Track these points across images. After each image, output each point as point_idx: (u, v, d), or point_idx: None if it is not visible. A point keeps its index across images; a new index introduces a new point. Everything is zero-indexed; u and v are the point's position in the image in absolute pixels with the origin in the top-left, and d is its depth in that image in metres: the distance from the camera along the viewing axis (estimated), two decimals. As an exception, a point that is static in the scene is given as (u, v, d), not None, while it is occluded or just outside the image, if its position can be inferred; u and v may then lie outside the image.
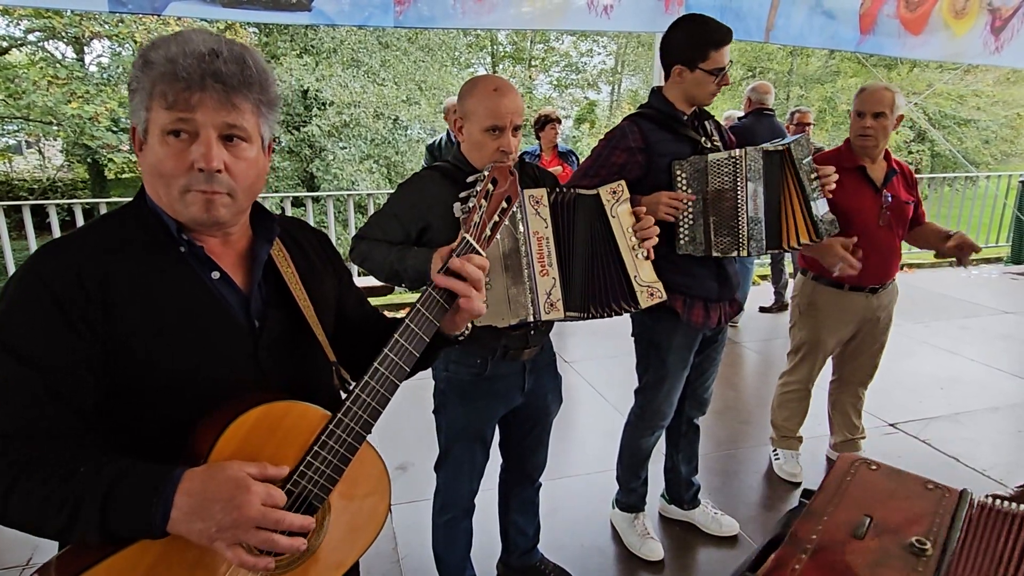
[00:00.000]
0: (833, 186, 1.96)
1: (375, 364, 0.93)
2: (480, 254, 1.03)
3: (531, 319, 1.60)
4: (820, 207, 1.95)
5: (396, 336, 0.95)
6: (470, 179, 1.10)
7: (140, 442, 0.89)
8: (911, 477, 0.67)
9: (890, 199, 2.46)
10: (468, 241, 1.02)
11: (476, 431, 1.84)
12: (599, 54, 19.48)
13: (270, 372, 0.97)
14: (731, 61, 2.00)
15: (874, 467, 0.70)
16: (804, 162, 1.93)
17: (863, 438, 2.89)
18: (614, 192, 1.69)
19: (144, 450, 0.88)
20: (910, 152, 19.16)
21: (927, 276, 6.40)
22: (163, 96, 0.83)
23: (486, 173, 1.08)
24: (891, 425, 3.30)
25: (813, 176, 1.94)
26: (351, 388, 0.93)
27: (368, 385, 0.92)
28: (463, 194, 1.09)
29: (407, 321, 0.96)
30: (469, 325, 1.11)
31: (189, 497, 0.77)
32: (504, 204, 1.09)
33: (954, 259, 2.45)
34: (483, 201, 1.06)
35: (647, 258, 1.70)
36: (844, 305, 2.60)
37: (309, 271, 1.07)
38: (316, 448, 0.88)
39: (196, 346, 0.91)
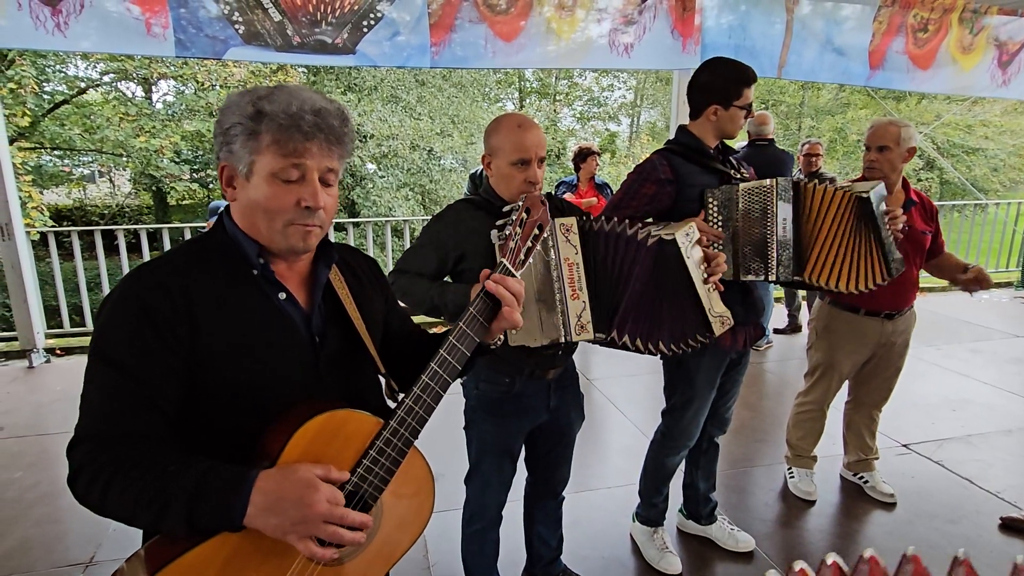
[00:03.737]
0: (900, 226, 1.95)
1: (423, 377, 0.97)
2: (515, 276, 1.07)
3: (563, 340, 1.59)
4: (891, 249, 1.93)
5: (442, 352, 0.99)
6: (506, 208, 1.12)
7: (214, 441, 0.94)
8: None
9: (907, 228, 2.41)
10: (505, 266, 1.06)
11: (504, 446, 1.84)
12: (619, 89, 19.53)
13: (328, 382, 1.02)
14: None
15: None
16: (880, 210, 1.91)
17: (876, 459, 2.80)
18: (687, 235, 1.66)
19: (218, 448, 0.92)
20: (919, 180, 18.77)
21: (939, 300, 6.22)
22: (282, 144, 0.89)
23: (520, 203, 1.11)
24: (904, 446, 3.19)
25: (887, 220, 1.94)
26: (402, 399, 0.97)
27: (417, 396, 0.96)
28: (500, 222, 1.11)
29: (451, 339, 1.00)
30: (500, 337, 1.13)
31: (264, 495, 0.82)
32: (536, 231, 1.12)
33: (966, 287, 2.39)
34: (518, 229, 1.09)
35: (718, 290, 1.68)
36: (859, 329, 2.54)
37: (360, 292, 1.11)
38: (372, 452, 0.93)
39: (266, 358, 0.96)
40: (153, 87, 12.62)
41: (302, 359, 0.99)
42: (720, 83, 1.95)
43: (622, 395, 3.84)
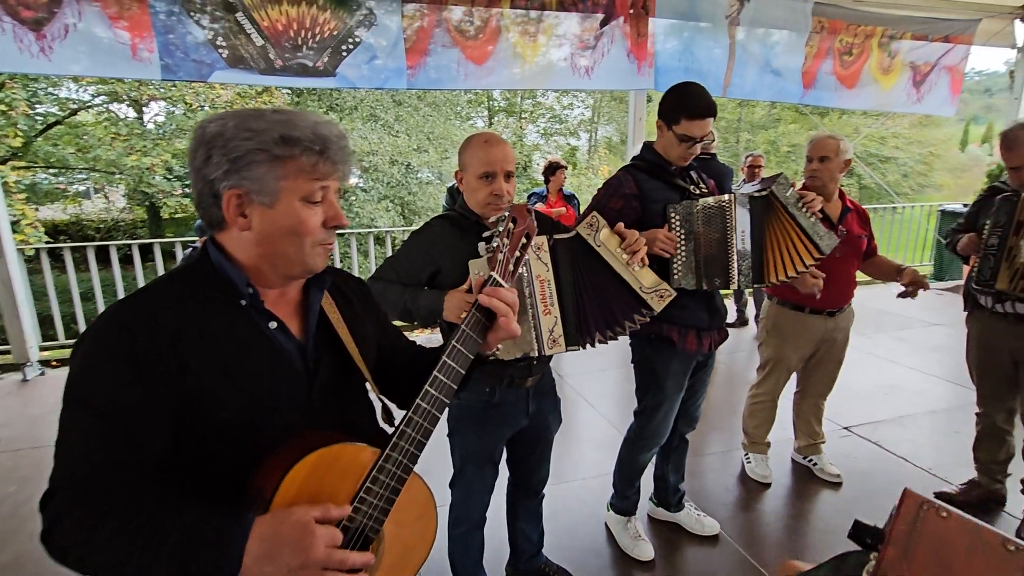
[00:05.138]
0: (819, 206, 1.85)
1: (418, 400, 0.85)
2: (506, 287, 0.95)
3: (535, 354, 1.51)
4: (816, 227, 1.84)
5: (436, 373, 0.87)
6: (492, 219, 1.02)
7: (205, 480, 0.82)
8: (988, 532, 0.49)
9: (845, 233, 2.39)
10: (495, 279, 0.94)
11: (487, 452, 1.74)
12: (578, 107, 19.55)
13: (322, 411, 0.90)
14: (709, 138, 1.89)
15: (944, 514, 0.50)
16: (788, 195, 1.83)
17: (823, 442, 2.78)
18: (591, 225, 1.57)
19: (208, 487, 0.81)
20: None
21: (864, 293, 6.28)
22: (314, 168, 0.82)
23: (507, 213, 1.01)
24: (845, 428, 3.19)
25: (800, 205, 1.84)
26: (397, 425, 0.85)
27: (413, 421, 0.85)
28: (487, 234, 1.01)
29: (444, 358, 0.88)
30: (499, 346, 1.02)
31: (260, 543, 0.71)
32: (524, 240, 1.01)
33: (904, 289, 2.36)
34: (505, 240, 0.98)
35: (644, 266, 1.58)
36: (805, 326, 2.51)
37: (352, 316, 1.00)
38: (369, 484, 0.82)
39: (257, 391, 0.84)
40: (144, 108, 12.10)
41: (295, 389, 0.88)
42: (666, 106, 1.87)
43: (592, 390, 3.77)
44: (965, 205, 7.04)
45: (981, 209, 2.25)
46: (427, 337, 4.81)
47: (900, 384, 3.79)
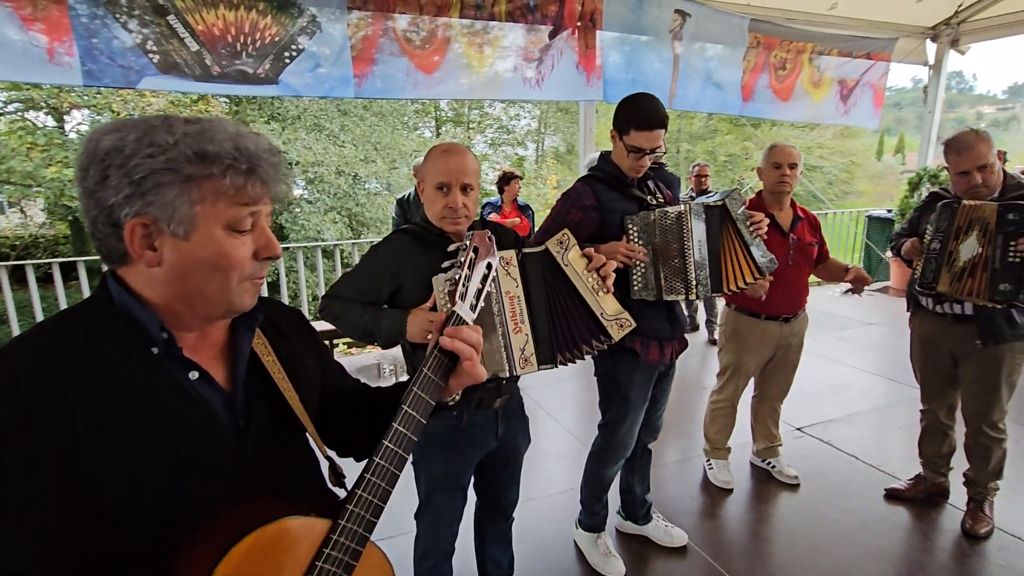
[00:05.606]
0: (764, 229, 1.87)
1: (375, 458, 0.74)
2: (469, 324, 0.87)
3: (507, 374, 1.43)
4: (759, 248, 1.86)
5: (394, 424, 0.76)
6: (451, 248, 0.94)
7: (117, 567, 0.66)
8: None
9: (796, 241, 2.44)
10: (458, 315, 0.85)
11: (455, 479, 1.64)
12: (525, 118, 19.74)
13: (257, 471, 0.76)
14: (660, 149, 1.85)
15: None
16: (739, 212, 1.84)
17: (780, 444, 2.83)
18: (561, 243, 1.53)
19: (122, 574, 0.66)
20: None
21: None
22: (240, 191, 0.69)
23: (467, 242, 0.92)
24: (798, 429, 3.26)
25: (749, 224, 1.86)
26: (351, 490, 0.73)
27: (369, 483, 0.73)
28: (446, 263, 0.93)
29: (405, 407, 0.77)
30: (458, 393, 0.91)
31: None
32: (486, 270, 0.93)
33: (849, 287, 2.46)
34: (467, 271, 0.90)
35: (608, 292, 1.53)
36: (762, 332, 2.55)
37: (290, 355, 0.86)
38: (320, 564, 0.69)
39: (175, 459, 0.69)
40: (65, 116, 11.26)
41: (222, 450, 0.73)
42: (618, 117, 1.85)
43: (553, 402, 3.71)
44: (889, 211, 7.50)
45: (923, 215, 2.35)
46: (379, 354, 4.63)
47: (845, 383, 3.93)
